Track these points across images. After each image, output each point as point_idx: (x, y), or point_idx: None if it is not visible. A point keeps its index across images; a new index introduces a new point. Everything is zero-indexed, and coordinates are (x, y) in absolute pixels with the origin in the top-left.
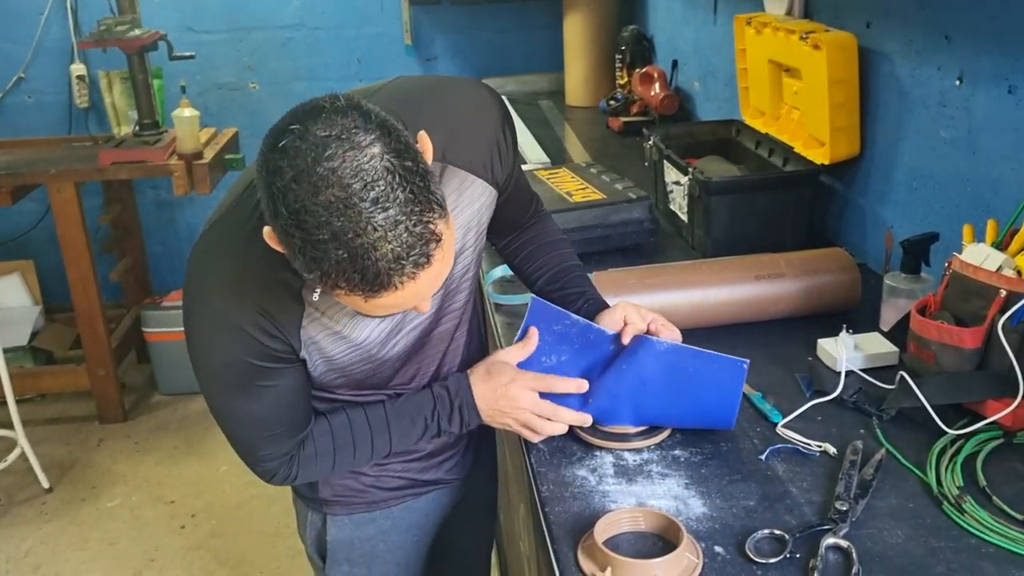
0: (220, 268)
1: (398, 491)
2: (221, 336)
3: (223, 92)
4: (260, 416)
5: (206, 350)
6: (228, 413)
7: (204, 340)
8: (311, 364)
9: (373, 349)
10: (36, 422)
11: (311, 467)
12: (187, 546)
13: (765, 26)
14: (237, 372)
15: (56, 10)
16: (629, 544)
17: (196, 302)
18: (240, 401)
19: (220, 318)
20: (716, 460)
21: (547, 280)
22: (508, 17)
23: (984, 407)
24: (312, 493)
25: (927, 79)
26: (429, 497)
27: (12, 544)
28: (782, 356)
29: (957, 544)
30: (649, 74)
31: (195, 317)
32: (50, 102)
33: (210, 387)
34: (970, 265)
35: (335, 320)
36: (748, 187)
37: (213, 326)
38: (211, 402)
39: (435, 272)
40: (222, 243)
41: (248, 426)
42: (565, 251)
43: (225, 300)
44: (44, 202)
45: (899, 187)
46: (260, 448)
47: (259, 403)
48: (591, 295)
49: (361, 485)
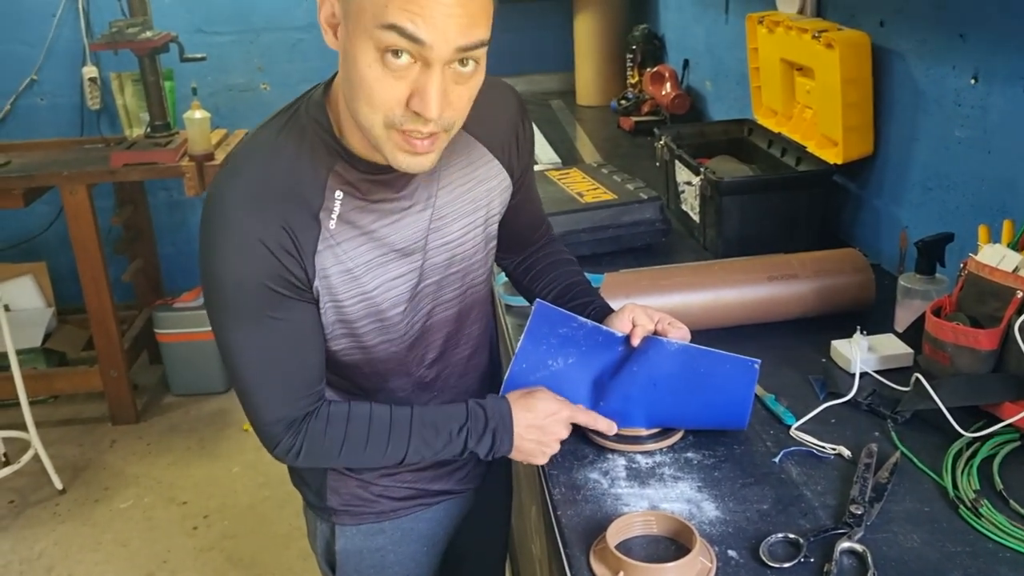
0: (242, 181)
1: (407, 501)
2: (238, 252)
3: (234, 93)
4: (269, 357)
5: (221, 267)
6: (237, 348)
7: (219, 256)
8: (321, 305)
9: (382, 304)
10: (49, 423)
11: (318, 446)
12: (199, 547)
13: (777, 25)
14: (249, 295)
15: (68, 12)
16: (642, 548)
17: (216, 214)
18: (250, 332)
19: (238, 231)
20: (729, 463)
21: (556, 296)
22: (519, 17)
23: (1001, 409)
24: (320, 502)
25: (942, 78)
26: (440, 507)
27: (26, 545)
28: (795, 358)
29: (974, 548)
30: (660, 73)
31: (212, 232)
32: (62, 104)
33: (221, 315)
34: (986, 266)
35: (349, 257)
36: (760, 187)
37: (230, 240)
38: (221, 335)
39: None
40: (245, 159)
41: (256, 368)
42: (573, 269)
43: (246, 211)
44: (56, 204)
45: (914, 187)
46: (267, 403)
47: (269, 337)
48: (598, 303)
49: (370, 495)
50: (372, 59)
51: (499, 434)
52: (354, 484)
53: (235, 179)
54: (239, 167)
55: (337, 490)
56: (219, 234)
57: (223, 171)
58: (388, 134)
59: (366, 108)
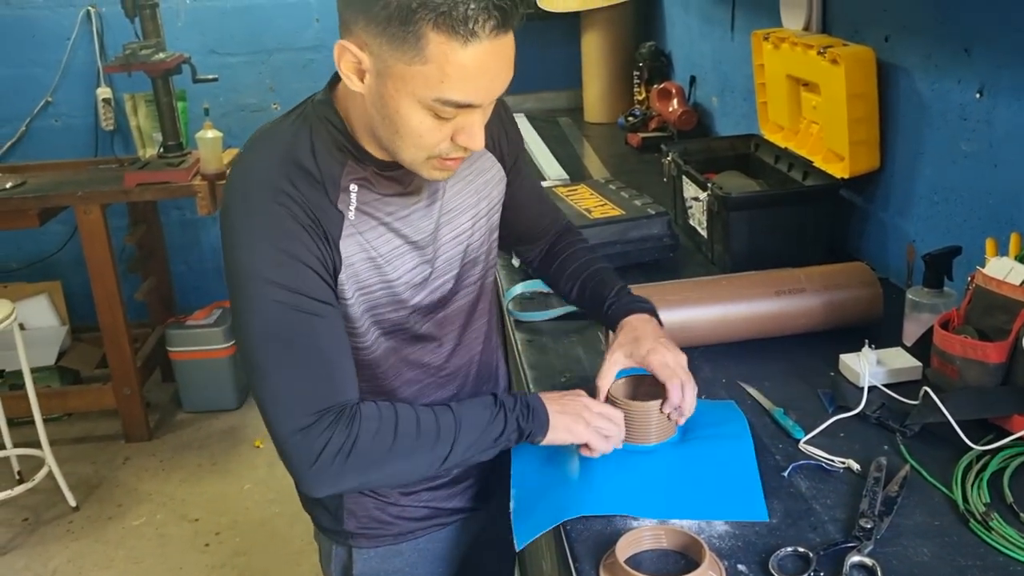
0: (265, 164)
1: (424, 521)
2: (270, 231)
3: (246, 114)
4: (305, 344)
5: (249, 253)
6: (262, 340)
7: (250, 241)
8: (350, 298)
9: (404, 294)
10: (63, 441)
11: (367, 445)
12: (211, 564)
13: (783, 41)
14: (287, 277)
15: (82, 35)
16: (651, 562)
17: (240, 200)
18: (281, 322)
19: (267, 211)
20: None
21: (578, 292)
22: (526, 35)
23: (1010, 422)
24: (337, 526)
25: (947, 92)
26: (455, 527)
27: (39, 562)
28: (804, 371)
29: (984, 562)
30: (667, 90)
31: (242, 219)
32: (77, 125)
33: (252, 306)
34: (994, 279)
35: (372, 246)
36: (767, 202)
37: (261, 223)
38: (249, 330)
39: (507, 45)
40: (264, 145)
41: (290, 360)
42: (593, 256)
43: (273, 192)
44: (71, 224)
45: (920, 201)
46: (301, 401)
47: (302, 330)
48: (611, 303)
49: (388, 516)
50: (423, 116)
51: (532, 404)
52: (372, 506)
53: (259, 163)
54: (259, 154)
55: (354, 512)
56: (251, 219)
57: (242, 162)
58: (429, 162)
59: (412, 149)
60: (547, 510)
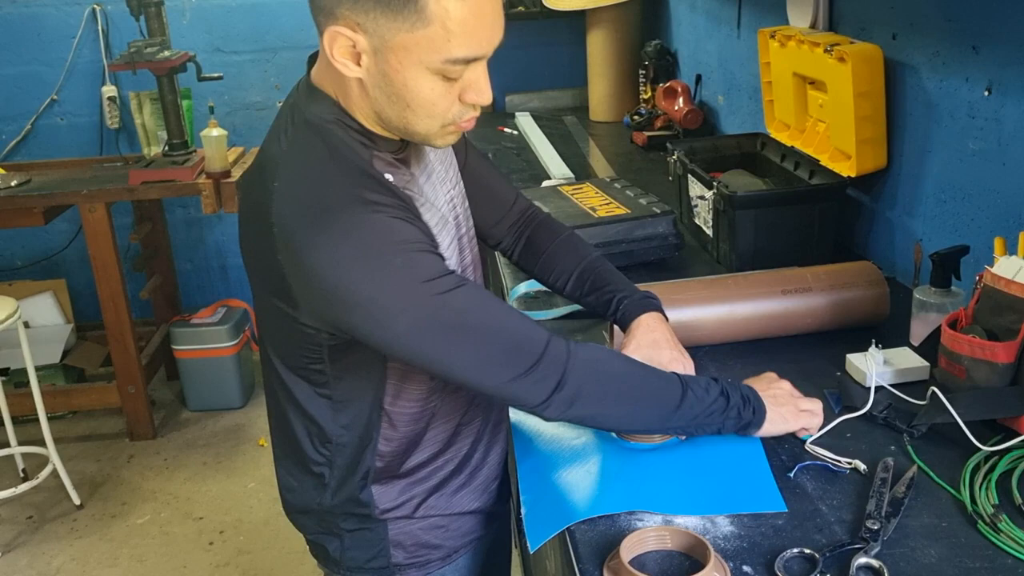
0: (332, 196)
1: (469, 535)
2: (383, 247)
3: (250, 112)
4: (475, 319)
5: (371, 272)
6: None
7: (367, 266)
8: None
9: (448, 262)
10: (67, 439)
11: (590, 368)
12: (215, 563)
13: (789, 39)
14: (416, 269)
15: (88, 33)
16: (656, 563)
17: (341, 241)
18: (441, 304)
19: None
20: None
21: (574, 285)
22: (532, 33)
23: (1019, 423)
24: (384, 562)
25: (955, 90)
26: (489, 538)
27: (43, 561)
28: (810, 371)
29: (993, 564)
30: (673, 88)
31: (345, 253)
32: (82, 123)
33: (409, 316)
34: (1002, 278)
35: (427, 220)
36: (774, 201)
37: (368, 242)
38: (419, 333)
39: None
40: (311, 192)
41: (475, 341)
42: (580, 246)
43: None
44: (76, 222)
45: (928, 199)
46: (528, 330)
47: (458, 304)
48: (621, 299)
49: (436, 540)
50: (433, 82)
51: (743, 388)
52: (418, 529)
53: (316, 201)
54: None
55: (402, 544)
56: (352, 250)
57: (296, 216)
58: (444, 129)
59: (427, 120)
60: (560, 511)
